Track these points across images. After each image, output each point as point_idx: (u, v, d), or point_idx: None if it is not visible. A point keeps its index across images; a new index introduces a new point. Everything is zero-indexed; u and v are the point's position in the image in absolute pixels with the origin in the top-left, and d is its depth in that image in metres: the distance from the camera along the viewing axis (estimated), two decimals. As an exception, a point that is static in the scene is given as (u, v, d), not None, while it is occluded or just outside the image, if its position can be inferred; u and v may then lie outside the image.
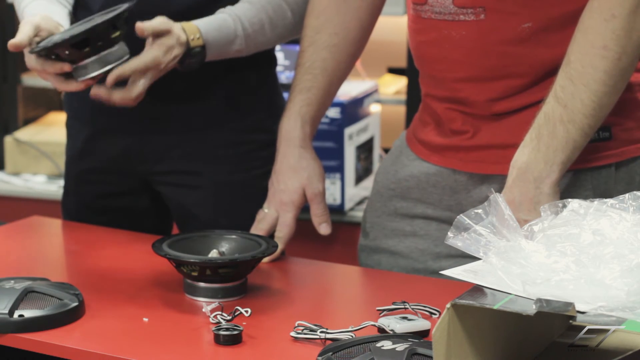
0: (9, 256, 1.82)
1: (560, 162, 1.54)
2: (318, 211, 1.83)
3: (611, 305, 1.18)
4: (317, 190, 1.82)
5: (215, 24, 1.81)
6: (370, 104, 3.36)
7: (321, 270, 1.80)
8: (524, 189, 1.54)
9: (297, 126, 1.81)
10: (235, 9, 1.85)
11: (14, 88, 3.74)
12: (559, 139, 1.53)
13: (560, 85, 1.54)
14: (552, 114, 1.54)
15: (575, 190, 1.64)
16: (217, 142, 1.96)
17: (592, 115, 1.53)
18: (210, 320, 1.47)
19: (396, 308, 1.51)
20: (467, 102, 1.67)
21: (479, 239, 1.30)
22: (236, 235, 1.67)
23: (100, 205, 2.04)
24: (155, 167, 1.99)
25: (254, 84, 1.96)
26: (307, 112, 1.81)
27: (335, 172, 3.19)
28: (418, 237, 1.77)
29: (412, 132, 1.81)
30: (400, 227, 1.79)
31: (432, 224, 1.75)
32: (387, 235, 1.80)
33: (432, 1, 1.65)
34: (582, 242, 1.26)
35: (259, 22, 1.85)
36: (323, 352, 1.33)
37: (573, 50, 1.54)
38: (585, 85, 1.52)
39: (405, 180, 1.78)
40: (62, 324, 1.47)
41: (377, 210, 1.83)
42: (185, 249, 1.60)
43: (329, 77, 1.81)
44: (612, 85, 1.53)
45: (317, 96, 1.81)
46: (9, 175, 3.66)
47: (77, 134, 2.05)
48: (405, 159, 1.79)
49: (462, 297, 1.20)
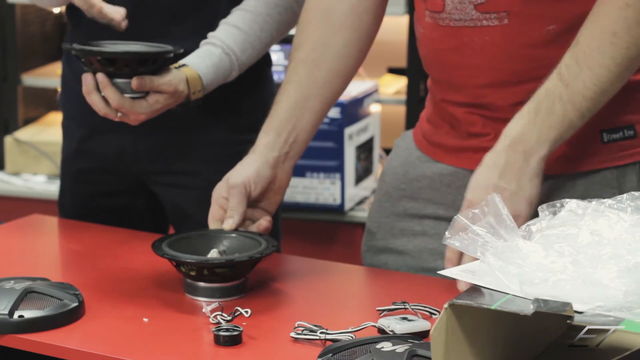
0: (9, 255, 1.82)
1: (552, 139, 1.54)
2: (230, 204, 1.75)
3: (609, 305, 1.18)
4: (235, 182, 1.74)
5: (213, 69, 1.82)
6: (370, 104, 3.36)
7: (321, 270, 1.80)
8: (511, 159, 1.54)
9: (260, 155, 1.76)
10: (227, 38, 1.85)
11: (14, 88, 3.74)
12: (555, 116, 1.54)
13: (565, 64, 1.54)
14: (553, 90, 1.54)
15: (602, 189, 1.64)
16: (212, 142, 1.97)
17: (592, 99, 1.54)
18: (210, 320, 1.48)
19: (396, 308, 1.51)
20: (491, 107, 1.66)
21: (476, 239, 1.30)
22: (236, 234, 1.67)
23: (96, 205, 2.04)
24: (150, 167, 1.99)
25: (249, 84, 1.96)
26: (268, 140, 1.75)
27: (335, 172, 3.19)
28: (428, 237, 1.77)
29: (421, 134, 1.80)
30: (410, 227, 1.78)
31: (442, 224, 1.75)
32: (396, 235, 1.80)
33: (450, 9, 1.64)
34: (579, 242, 1.26)
35: (250, 45, 1.87)
36: (323, 353, 1.33)
37: (583, 33, 1.54)
38: (589, 68, 1.53)
39: (417, 181, 1.77)
40: (62, 324, 1.47)
41: (385, 210, 1.82)
42: (186, 249, 1.60)
43: (303, 91, 1.76)
44: (617, 73, 1.53)
45: (285, 109, 1.76)
46: (9, 175, 3.67)
47: (72, 134, 2.05)
48: (417, 160, 1.79)
49: (459, 297, 1.20)
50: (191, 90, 1.78)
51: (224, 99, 1.94)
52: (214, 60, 1.83)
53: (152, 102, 1.73)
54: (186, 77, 1.76)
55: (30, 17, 3.83)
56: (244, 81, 1.95)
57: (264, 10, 1.89)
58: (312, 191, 3.23)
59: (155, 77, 1.71)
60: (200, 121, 1.95)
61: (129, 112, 1.72)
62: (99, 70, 1.70)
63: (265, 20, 1.88)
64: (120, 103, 1.70)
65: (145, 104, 1.72)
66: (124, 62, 1.69)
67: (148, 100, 1.72)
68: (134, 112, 1.72)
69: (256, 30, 1.88)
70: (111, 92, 1.70)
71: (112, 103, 1.71)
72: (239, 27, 1.87)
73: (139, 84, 1.70)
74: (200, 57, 1.82)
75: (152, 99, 1.72)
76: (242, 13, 1.89)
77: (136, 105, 1.72)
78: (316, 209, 3.25)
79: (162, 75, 1.73)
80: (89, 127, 2.00)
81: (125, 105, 1.71)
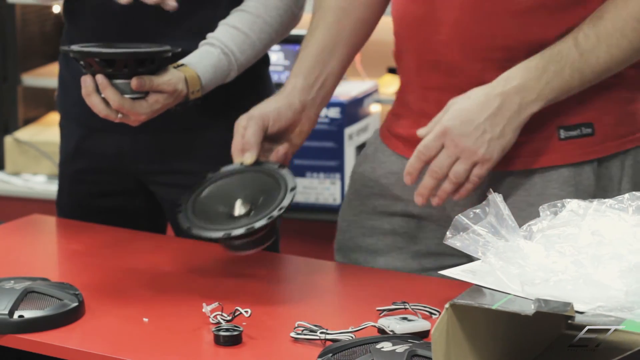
0: (9, 255, 1.82)
1: (550, 99, 1.58)
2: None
3: (610, 306, 1.18)
4: (254, 114, 1.74)
5: (211, 69, 1.82)
6: (370, 104, 3.36)
7: (321, 269, 1.80)
8: (506, 105, 1.56)
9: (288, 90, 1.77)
10: (225, 39, 1.85)
11: (14, 88, 3.74)
12: (561, 80, 1.56)
13: (584, 33, 1.57)
14: (566, 55, 1.56)
15: (559, 187, 1.64)
16: (211, 141, 1.96)
17: (598, 75, 1.58)
18: (210, 320, 1.48)
19: (396, 308, 1.51)
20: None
21: (477, 239, 1.30)
22: (253, 173, 1.69)
23: (95, 205, 2.04)
24: (148, 167, 1.99)
25: (247, 83, 1.96)
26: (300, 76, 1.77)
27: (335, 172, 3.19)
28: (398, 235, 1.77)
29: (385, 126, 1.81)
30: (379, 225, 1.78)
31: (411, 221, 1.75)
32: (366, 233, 1.80)
33: None
34: (580, 242, 1.26)
35: (249, 46, 1.87)
36: (323, 353, 1.33)
37: (609, 10, 1.57)
38: (608, 46, 1.56)
39: (385, 177, 1.77)
40: (62, 324, 1.47)
41: (354, 208, 1.82)
42: (209, 212, 1.64)
43: (331, 38, 1.78)
44: (628, 58, 1.58)
45: (313, 54, 1.77)
46: (9, 175, 3.67)
47: (70, 134, 2.05)
48: (382, 155, 1.78)
49: (460, 297, 1.20)
50: (190, 90, 1.78)
51: (223, 99, 1.94)
52: (213, 60, 1.83)
53: (152, 102, 1.73)
54: (185, 77, 1.76)
55: (30, 17, 3.83)
56: (242, 81, 1.95)
57: (263, 12, 1.89)
58: (312, 191, 3.23)
59: (154, 77, 1.71)
60: (198, 121, 1.95)
61: (129, 113, 1.72)
62: (98, 72, 1.70)
63: (265, 22, 1.89)
64: (120, 104, 1.70)
65: (145, 104, 1.72)
66: (123, 63, 1.69)
67: (148, 100, 1.72)
68: (134, 112, 1.72)
69: (255, 31, 1.88)
70: (111, 93, 1.70)
71: (112, 104, 1.71)
72: (238, 27, 1.87)
73: (139, 84, 1.70)
74: (198, 57, 1.82)
75: (152, 98, 1.72)
76: (241, 14, 1.89)
77: (136, 106, 1.72)
78: (316, 209, 3.25)
79: (161, 75, 1.73)
80: (87, 127, 1.99)
81: (125, 105, 1.71)
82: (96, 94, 1.71)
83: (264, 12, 1.89)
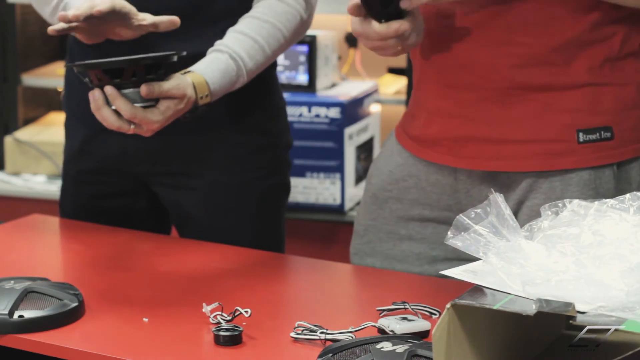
0: (9, 255, 1.82)
1: None
2: None
3: (611, 306, 1.18)
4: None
5: (219, 74, 1.80)
6: (370, 104, 3.36)
7: (321, 269, 1.80)
8: None
9: None
10: (233, 44, 1.84)
11: (14, 88, 3.74)
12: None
13: None
14: None
15: (579, 191, 1.63)
16: (215, 143, 1.96)
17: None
18: (210, 320, 1.47)
19: (396, 308, 1.51)
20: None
21: (478, 239, 1.30)
22: None
23: (98, 206, 2.04)
24: (152, 168, 1.99)
25: (253, 85, 1.96)
26: None
27: (335, 172, 3.19)
28: (414, 241, 1.76)
29: (401, 127, 1.80)
30: (396, 230, 1.78)
31: (428, 226, 1.75)
32: (382, 238, 1.79)
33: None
34: (582, 242, 1.26)
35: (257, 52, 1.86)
36: (323, 353, 1.33)
37: None
38: None
39: (403, 180, 1.76)
40: (62, 324, 1.47)
41: (372, 212, 1.81)
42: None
43: None
44: None
45: None
46: (9, 175, 3.66)
47: (75, 135, 2.05)
48: (398, 157, 1.78)
49: (462, 297, 1.20)
50: (198, 95, 1.76)
51: (227, 101, 1.94)
52: (221, 66, 1.81)
53: (164, 109, 1.71)
54: (192, 82, 1.75)
55: (30, 17, 3.83)
56: (247, 83, 1.95)
57: (272, 17, 1.88)
58: (312, 191, 3.23)
59: (163, 83, 1.70)
60: (203, 122, 1.95)
61: (142, 122, 1.70)
62: (106, 83, 1.68)
63: (274, 27, 1.88)
64: (132, 113, 1.68)
65: (157, 111, 1.70)
66: (131, 71, 1.67)
67: (159, 107, 1.70)
68: (147, 121, 1.69)
69: (264, 36, 1.87)
70: (122, 103, 1.68)
71: (124, 114, 1.69)
72: (246, 33, 1.86)
73: (148, 91, 1.68)
74: (205, 63, 1.81)
75: (163, 105, 1.71)
76: (249, 20, 1.88)
77: (148, 114, 1.69)
78: (316, 209, 3.25)
79: (170, 80, 1.72)
80: (92, 127, 1.99)
81: (137, 114, 1.69)
82: (106, 106, 1.68)
83: (272, 17, 1.88)
